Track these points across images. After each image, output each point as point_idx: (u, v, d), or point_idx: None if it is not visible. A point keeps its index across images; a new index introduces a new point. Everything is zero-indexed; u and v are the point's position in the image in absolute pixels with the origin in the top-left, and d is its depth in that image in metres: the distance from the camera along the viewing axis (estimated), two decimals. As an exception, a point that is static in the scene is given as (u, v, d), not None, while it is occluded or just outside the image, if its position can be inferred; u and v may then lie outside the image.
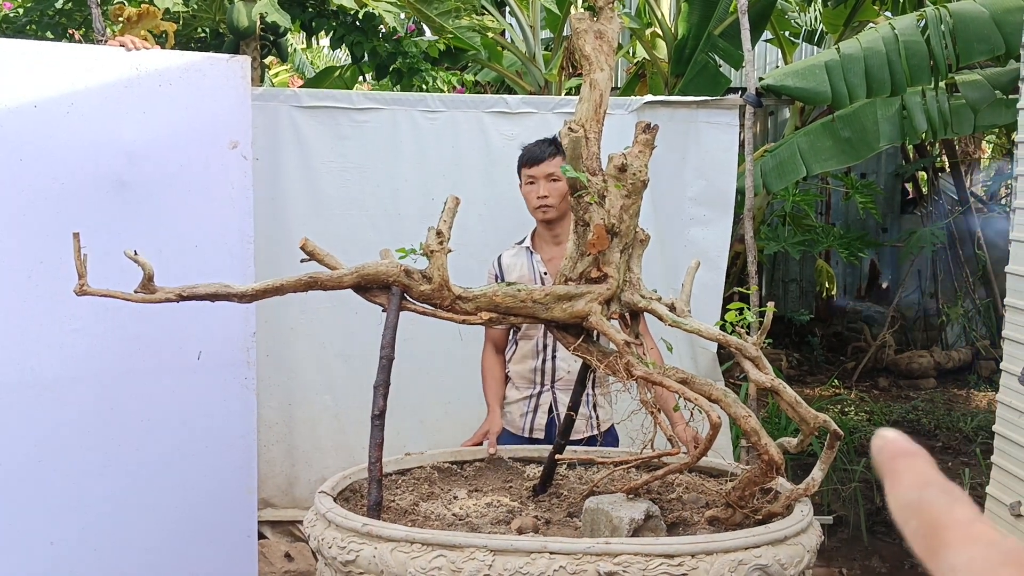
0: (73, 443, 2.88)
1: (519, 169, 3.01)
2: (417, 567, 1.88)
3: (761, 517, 2.10)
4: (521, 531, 2.14)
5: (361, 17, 4.44)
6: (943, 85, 4.23)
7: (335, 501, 2.18)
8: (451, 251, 2.17)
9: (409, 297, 2.20)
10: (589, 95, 2.21)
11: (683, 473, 2.40)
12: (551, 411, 3.04)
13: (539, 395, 3.05)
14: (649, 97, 3.90)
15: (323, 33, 4.74)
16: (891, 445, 0.51)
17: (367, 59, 4.67)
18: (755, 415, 2.24)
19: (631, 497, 2.15)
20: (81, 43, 4.43)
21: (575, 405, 2.51)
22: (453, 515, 2.31)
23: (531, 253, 3.07)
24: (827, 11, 6.52)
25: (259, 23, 3.79)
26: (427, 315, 2.22)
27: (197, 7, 3.85)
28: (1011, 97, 4.21)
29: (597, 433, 3.02)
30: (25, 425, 2.79)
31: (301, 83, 8.93)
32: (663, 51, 6.56)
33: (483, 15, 5.30)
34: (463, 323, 2.23)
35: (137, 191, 2.96)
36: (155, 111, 2.98)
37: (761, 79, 4.26)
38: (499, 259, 3.11)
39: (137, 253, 2.06)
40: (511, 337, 3.11)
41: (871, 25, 6.38)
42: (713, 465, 2.49)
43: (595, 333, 2.20)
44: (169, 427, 3.03)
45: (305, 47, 9.60)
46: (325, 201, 3.69)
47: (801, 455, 4.94)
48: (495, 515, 2.31)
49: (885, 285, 8.92)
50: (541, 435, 3.03)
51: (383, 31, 4.59)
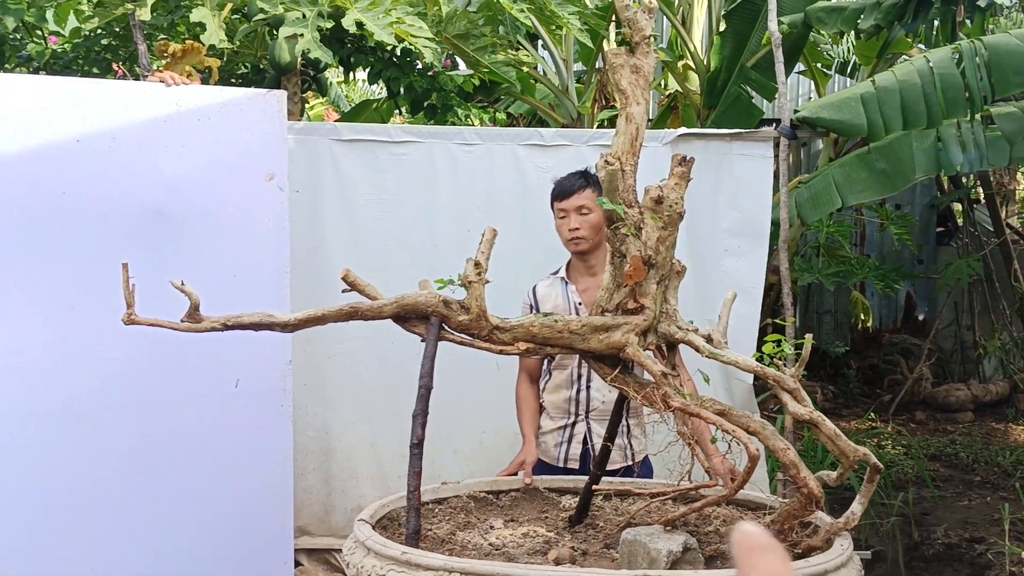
0: (114, 470, 2.92)
1: (552, 203, 3.04)
2: (456, 596, 1.89)
3: (800, 551, 2.09)
4: (558, 562, 2.14)
5: (398, 53, 4.52)
6: (979, 117, 4.22)
7: (373, 529, 2.19)
8: (489, 282, 2.19)
9: (447, 327, 2.22)
10: (625, 128, 2.24)
11: (720, 506, 2.40)
12: (585, 441, 3.05)
13: (573, 425, 3.06)
14: (683, 130, 3.92)
15: (360, 68, 4.83)
16: (748, 539, 0.52)
17: (403, 93, 4.74)
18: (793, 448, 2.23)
19: (668, 529, 2.14)
20: (125, 78, 4.55)
21: (611, 435, 2.51)
22: (490, 545, 2.31)
23: (566, 284, 3.09)
24: (860, 43, 6.53)
25: (300, 59, 3.88)
26: (465, 345, 2.24)
27: (240, 44, 3.94)
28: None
29: (632, 463, 3.02)
30: (67, 452, 2.84)
31: (337, 116, 9.06)
32: (695, 83, 6.59)
33: (519, 50, 5.37)
34: (500, 353, 2.25)
35: (177, 223, 3.02)
36: (194, 145, 3.05)
37: (796, 111, 4.28)
38: (534, 289, 3.13)
39: (184, 283, 2.11)
40: (545, 367, 3.12)
41: (904, 57, 6.38)
42: (751, 498, 2.48)
43: (631, 364, 2.21)
44: (208, 454, 3.07)
45: (342, 81, 9.75)
46: (363, 232, 3.74)
47: (837, 489, 4.89)
48: (532, 545, 2.32)
49: (921, 317, 8.83)
50: (576, 465, 3.03)
51: (419, 66, 4.67)
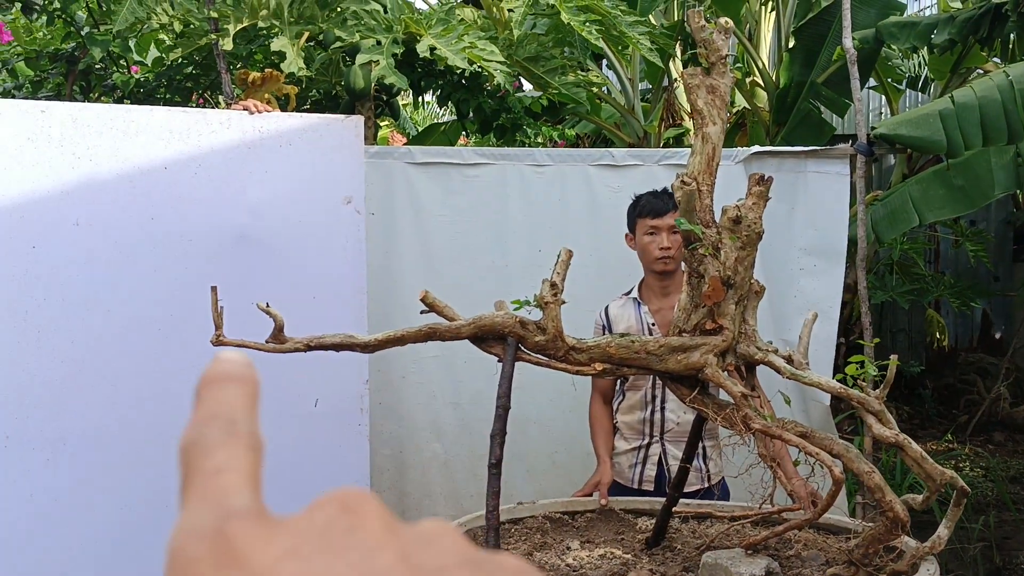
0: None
1: (635, 219, 3.04)
2: (538, 616, 1.90)
3: (886, 575, 2.05)
4: (638, 583, 2.14)
5: (468, 76, 4.58)
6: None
7: (453, 549, 2.21)
8: (565, 302, 2.21)
9: (524, 348, 2.24)
10: (702, 148, 2.25)
11: (801, 530, 2.37)
12: (660, 463, 3.04)
13: (648, 446, 3.05)
14: (757, 148, 3.90)
15: (431, 91, 4.90)
16: (213, 369, 0.38)
17: (472, 115, 4.80)
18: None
19: (750, 553, 2.13)
20: (205, 105, 4.69)
21: (689, 457, 2.50)
22: (567, 566, 2.32)
23: (639, 304, 3.09)
24: (933, 57, 6.42)
25: (373, 85, 3.96)
26: (542, 365, 2.26)
27: (316, 71, 4.04)
28: None
29: (710, 485, 3.00)
30: (155, 473, 2.91)
31: (403, 140, 9.19)
32: (763, 100, 6.55)
33: (588, 71, 5.40)
34: (576, 373, 2.26)
35: (258, 246, 3.10)
36: (276, 170, 3.13)
37: (873, 128, 4.22)
38: (606, 310, 3.14)
39: (269, 305, 2.17)
40: (619, 387, 3.12)
41: (979, 71, 6.25)
42: (832, 522, 2.45)
43: (709, 385, 2.20)
44: (286, 473, 3.12)
45: (407, 104, 9.90)
46: (436, 253, 3.79)
47: (914, 514, 4.77)
48: (609, 567, 2.32)
49: (998, 335, 8.59)
50: (651, 487, 3.02)
51: (488, 88, 4.72)
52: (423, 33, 3.64)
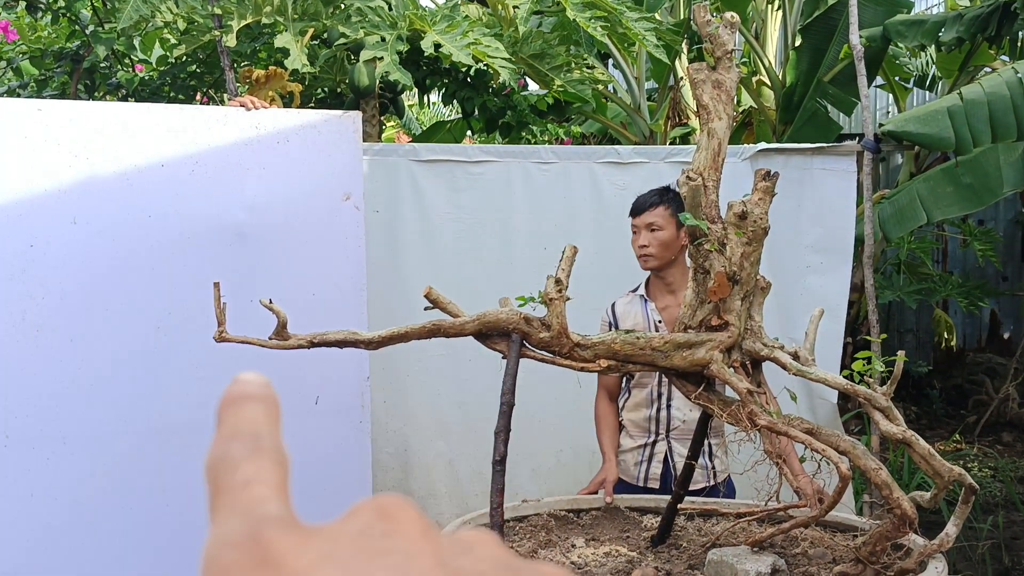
0: (200, 488, 2.98)
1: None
2: (541, 614, 1.88)
3: (893, 573, 2.03)
4: (643, 581, 2.12)
5: (472, 74, 4.57)
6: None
7: (457, 546, 2.20)
8: (569, 299, 2.19)
9: (528, 344, 2.23)
10: (707, 144, 2.23)
11: (808, 527, 2.35)
12: (666, 460, 3.02)
13: (654, 444, 3.03)
14: (763, 144, 3.88)
15: (436, 89, 4.89)
16: (232, 389, 0.39)
17: (477, 113, 4.79)
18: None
19: (755, 550, 2.11)
20: (209, 103, 4.68)
21: (694, 454, 2.48)
22: (572, 563, 2.30)
23: (645, 301, 3.07)
24: (941, 56, 6.39)
25: (378, 82, 3.95)
26: (546, 362, 2.24)
27: (320, 68, 4.03)
28: None
29: (715, 483, 2.98)
30: (155, 471, 2.91)
31: (408, 139, 9.19)
32: (770, 99, 6.52)
33: (593, 68, 5.38)
34: (581, 370, 2.24)
35: (256, 243, 3.08)
36: (273, 167, 3.11)
37: (881, 125, 4.20)
38: (612, 307, 3.12)
39: (272, 302, 2.16)
40: (624, 385, 3.10)
41: (987, 69, 6.21)
42: (839, 519, 2.42)
43: (715, 382, 2.18)
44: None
45: (413, 104, 9.90)
46: (440, 251, 3.78)
47: (922, 513, 4.74)
48: (614, 565, 2.30)
49: (1007, 335, 8.54)
50: (656, 484, 3.00)
51: (493, 86, 4.71)
52: (428, 29, 3.62)
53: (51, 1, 4.48)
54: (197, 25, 3.70)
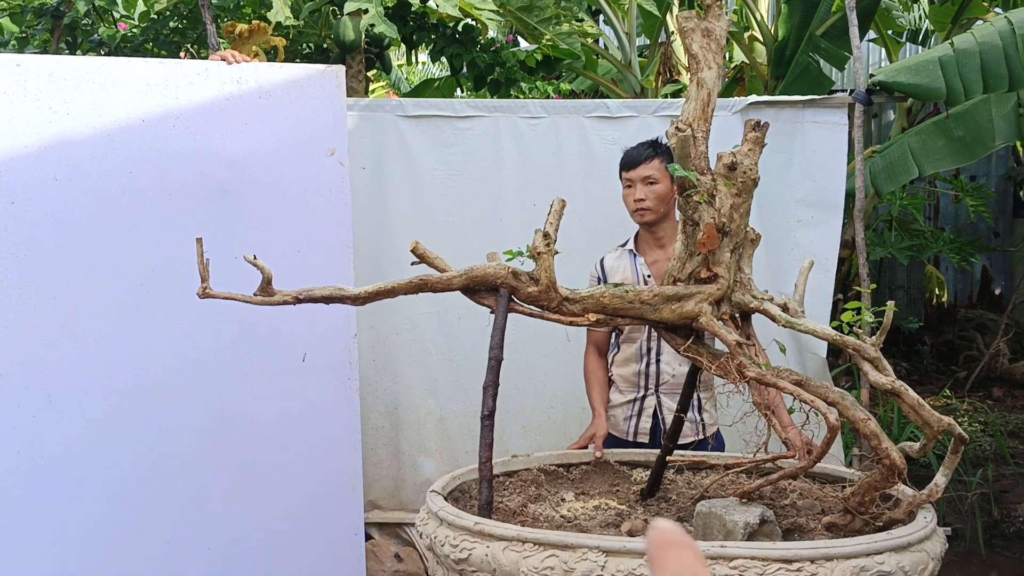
0: (186, 445, 2.97)
1: (620, 173, 3.00)
2: (529, 566, 1.88)
3: (882, 524, 2.03)
4: (632, 533, 2.12)
5: (461, 29, 4.50)
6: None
7: (445, 500, 2.20)
8: (558, 253, 2.17)
9: (516, 299, 2.20)
10: (696, 94, 2.19)
11: (796, 479, 2.35)
12: (656, 415, 3.02)
13: (643, 399, 3.03)
14: (754, 97, 3.84)
15: (423, 46, 4.83)
16: (660, 535, 0.52)
17: (466, 70, 4.73)
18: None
19: (744, 501, 2.11)
20: (191, 59, 4.61)
21: (684, 407, 2.47)
22: (561, 517, 2.30)
23: (634, 256, 3.05)
24: (934, 8, 6.32)
25: (364, 36, 3.88)
26: (535, 316, 2.22)
27: (304, 23, 3.96)
28: None
29: (704, 437, 2.98)
30: (140, 428, 2.90)
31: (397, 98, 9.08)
32: (762, 54, 6.46)
33: (582, 21, 5.31)
34: (570, 324, 2.22)
35: (240, 199, 3.04)
36: (256, 122, 3.06)
37: (872, 76, 4.15)
38: (601, 261, 3.10)
39: (257, 257, 2.13)
40: (614, 340, 3.09)
41: (980, 22, 6.15)
42: (827, 471, 2.43)
43: (704, 334, 2.17)
44: (277, 428, 3.11)
45: (402, 63, 9.78)
46: (429, 208, 3.75)
47: (912, 465, 4.77)
48: (604, 518, 2.30)
49: (998, 291, 8.56)
50: (646, 439, 3.00)
51: (481, 42, 4.65)
52: (413, -18, 3.56)
53: (29, -44, 4.39)
54: (178, -22, 3.63)
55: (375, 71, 5.25)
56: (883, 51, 7.36)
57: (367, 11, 3.35)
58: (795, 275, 2.32)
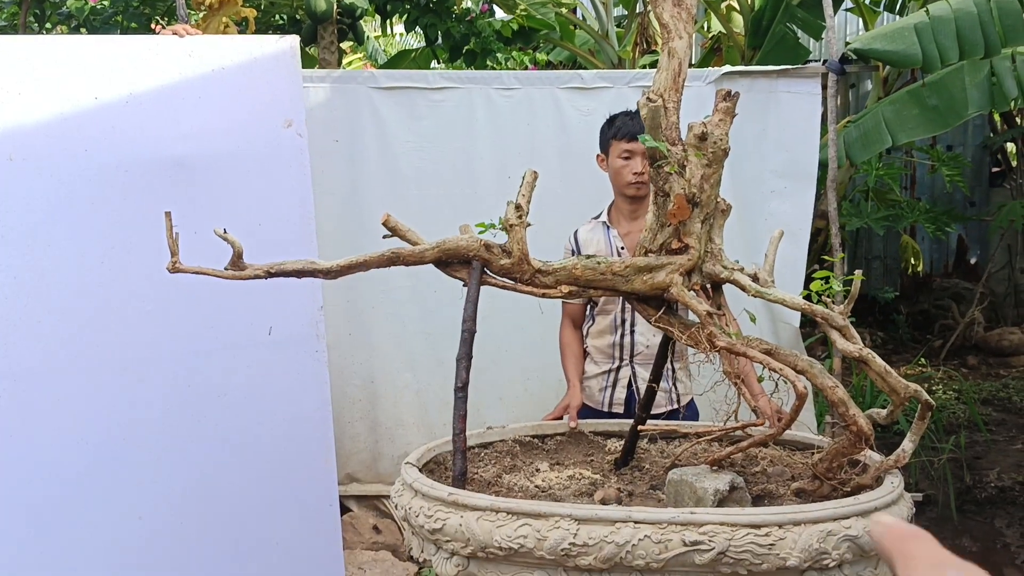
0: (155, 421, 2.97)
1: (609, 140, 2.97)
2: (503, 535, 1.89)
3: (850, 489, 2.06)
4: (604, 502, 2.14)
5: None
6: (1036, 48, 4.06)
7: (420, 472, 2.21)
8: (530, 225, 2.16)
9: (489, 271, 2.20)
10: (668, 64, 2.18)
11: (767, 446, 2.37)
12: (630, 385, 3.04)
13: (618, 370, 3.04)
14: (728, 67, 3.83)
15: (397, 17, 4.78)
16: (896, 529, 0.52)
17: (440, 41, 4.69)
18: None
19: (715, 469, 2.13)
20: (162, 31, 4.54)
21: (656, 378, 2.49)
22: (536, 487, 2.32)
23: (608, 228, 3.05)
24: (911, -23, 6.32)
25: (336, 7, 3.84)
26: (507, 289, 2.22)
27: (276, -7, 3.92)
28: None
29: (678, 407, 3.00)
30: (108, 406, 2.89)
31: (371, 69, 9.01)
32: (739, 24, 6.44)
33: (557, -9, 5.28)
34: (543, 296, 2.23)
35: (198, 174, 3.02)
36: (210, 96, 3.04)
37: (847, 44, 4.15)
38: (575, 234, 3.10)
39: (227, 231, 2.12)
40: (589, 312, 3.10)
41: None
42: (798, 438, 2.45)
43: (676, 305, 2.18)
44: (246, 402, 3.10)
45: (379, 35, 9.69)
46: (403, 180, 3.73)
47: (886, 433, 4.83)
48: (577, 487, 2.32)
49: (973, 261, 8.64)
50: (620, 409, 3.02)
51: (456, 12, 4.61)
52: (385, -48, 3.52)
53: (-7, -74, 4.31)
54: (146, -51, 3.58)
55: (350, 42, 5.21)
56: (860, 20, 7.36)
57: (338, -19, 3.32)
58: (768, 244, 2.33)
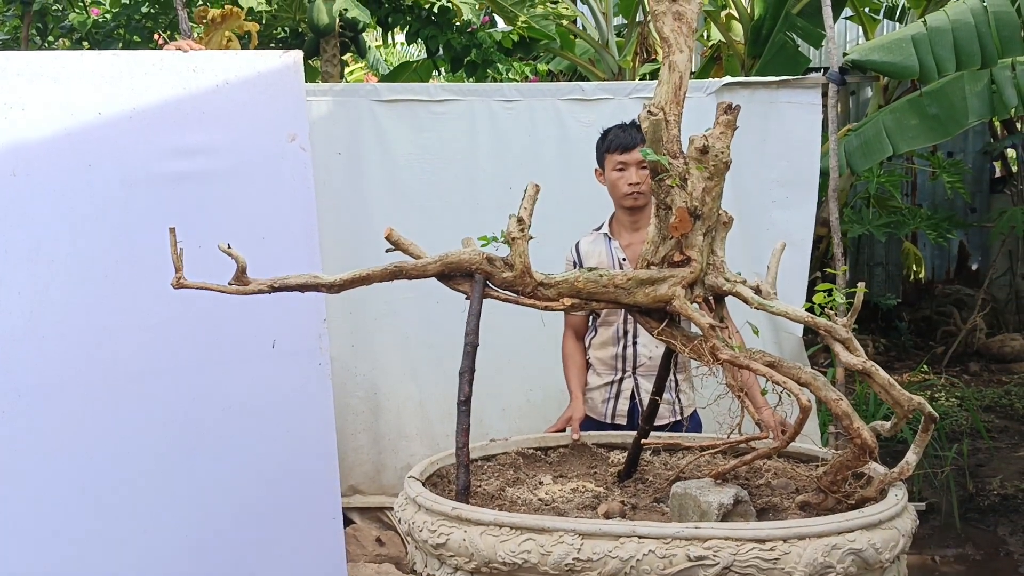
0: (159, 435, 2.97)
1: (603, 154, 2.99)
2: (506, 550, 1.90)
3: (854, 502, 2.06)
4: (608, 516, 2.14)
5: (436, 11, 4.48)
6: (1035, 57, 4.07)
7: (423, 486, 2.21)
8: (532, 238, 2.17)
9: (492, 284, 2.21)
10: (668, 77, 2.19)
11: (771, 459, 2.37)
12: (633, 397, 3.04)
13: (620, 381, 3.05)
14: (728, 79, 3.84)
15: (398, 29, 4.80)
16: None
17: (442, 52, 4.71)
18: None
19: (719, 482, 2.13)
20: (165, 44, 4.56)
21: (659, 390, 2.49)
22: (539, 500, 2.32)
23: (609, 239, 3.06)
24: (910, -15, 6.34)
25: (338, 20, 3.86)
26: (510, 302, 2.23)
27: (278, 7, 3.93)
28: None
29: (680, 419, 3.00)
30: (112, 419, 2.90)
31: (376, 81, 9.04)
32: (739, 33, 6.46)
33: (557, 3, 5.30)
34: (545, 309, 2.23)
35: (201, 189, 3.03)
36: (214, 111, 3.05)
37: (846, 54, 4.16)
38: (577, 245, 3.11)
39: (231, 246, 2.12)
40: (591, 323, 3.11)
41: (955, -1, 6.17)
42: (802, 451, 2.45)
43: (679, 317, 2.18)
44: (249, 414, 3.10)
45: (380, 45, 9.72)
46: (405, 193, 3.74)
47: (889, 442, 4.83)
48: (581, 500, 2.32)
49: (975, 267, 8.64)
50: (623, 421, 3.02)
51: (457, 24, 4.63)
52: (386, -35, 3.54)
53: (-4, -59, 4.33)
54: (148, -37, 3.60)
55: (351, 54, 5.23)
56: (860, 28, 7.38)
57: (340, -5, 3.34)
58: (771, 256, 2.33)
